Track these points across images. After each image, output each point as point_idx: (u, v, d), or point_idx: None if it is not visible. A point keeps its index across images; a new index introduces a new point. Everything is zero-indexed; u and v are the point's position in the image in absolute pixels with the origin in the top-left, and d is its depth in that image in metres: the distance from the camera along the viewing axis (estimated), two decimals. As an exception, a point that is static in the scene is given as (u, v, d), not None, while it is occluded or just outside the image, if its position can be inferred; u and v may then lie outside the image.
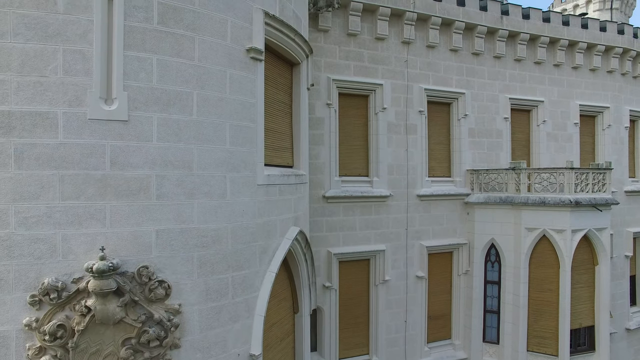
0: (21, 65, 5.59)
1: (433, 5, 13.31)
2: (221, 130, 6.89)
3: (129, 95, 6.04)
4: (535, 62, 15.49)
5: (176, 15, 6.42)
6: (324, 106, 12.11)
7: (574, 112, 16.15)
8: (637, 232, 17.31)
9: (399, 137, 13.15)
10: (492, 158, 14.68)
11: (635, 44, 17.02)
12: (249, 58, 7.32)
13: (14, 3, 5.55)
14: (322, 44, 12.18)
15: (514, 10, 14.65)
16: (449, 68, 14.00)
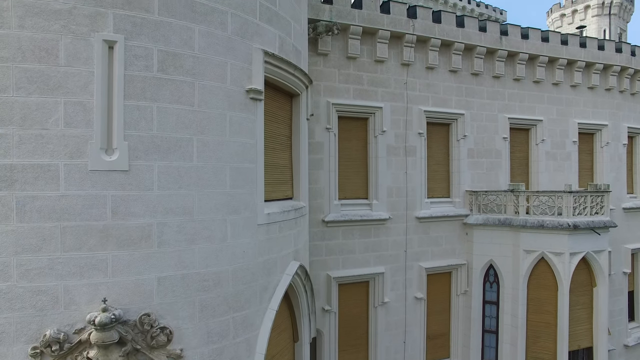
0: (23, 118, 5.61)
1: (432, 27, 13.34)
2: (221, 173, 6.92)
3: (129, 144, 6.07)
4: (534, 81, 15.53)
5: (176, 62, 6.45)
6: (323, 130, 12.14)
7: (572, 130, 16.21)
8: (635, 248, 17.39)
9: (398, 159, 13.19)
10: (491, 178, 14.73)
11: (633, 62, 17.07)
12: (248, 99, 7.35)
13: (16, 57, 5.57)
14: (322, 67, 12.21)
15: (513, 30, 14.68)
16: (448, 89, 14.03)
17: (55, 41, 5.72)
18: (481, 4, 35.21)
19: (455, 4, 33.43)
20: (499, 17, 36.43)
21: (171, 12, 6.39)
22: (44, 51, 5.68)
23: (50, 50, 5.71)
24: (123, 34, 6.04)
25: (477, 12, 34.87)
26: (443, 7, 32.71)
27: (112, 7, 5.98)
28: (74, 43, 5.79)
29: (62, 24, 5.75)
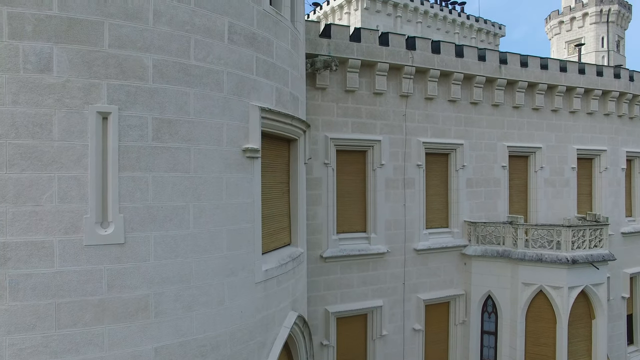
0: (16, 195, 5.52)
1: (432, 58, 13.26)
2: (218, 237, 6.84)
3: (125, 217, 5.99)
4: (533, 108, 15.49)
5: (171, 129, 6.36)
6: (321, 166, 12.07)
7: (571, 156, 16.17)
8: (634, 273, 17.39)
9: (396, 192, 13.13)
10: (490, 207, 14.69)
11: (631, 87, 17.04)
12: (245, 158, 7.27)
13: (10, 134, 5.48)
14: (320, 101, 12.13)
15: (512, 59, 14.61)
16: (447, 119, 13.98)
17: (49, 116, 5.63)
18: (480, 19, 35.14)
19: (454, 20, 33.43)
20: (497, 32, 36.39)
21: (166, 78, 6.31)
22: (37, 126, 5.59)
23: (44, 125, 5.62)
24: (117, 104, 5.95)
25: (476, 27, 34.83)
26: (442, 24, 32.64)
27: (106, 77, 5.89)
28: (68, 117, 5.70)
29: (55, 98, 5.66)
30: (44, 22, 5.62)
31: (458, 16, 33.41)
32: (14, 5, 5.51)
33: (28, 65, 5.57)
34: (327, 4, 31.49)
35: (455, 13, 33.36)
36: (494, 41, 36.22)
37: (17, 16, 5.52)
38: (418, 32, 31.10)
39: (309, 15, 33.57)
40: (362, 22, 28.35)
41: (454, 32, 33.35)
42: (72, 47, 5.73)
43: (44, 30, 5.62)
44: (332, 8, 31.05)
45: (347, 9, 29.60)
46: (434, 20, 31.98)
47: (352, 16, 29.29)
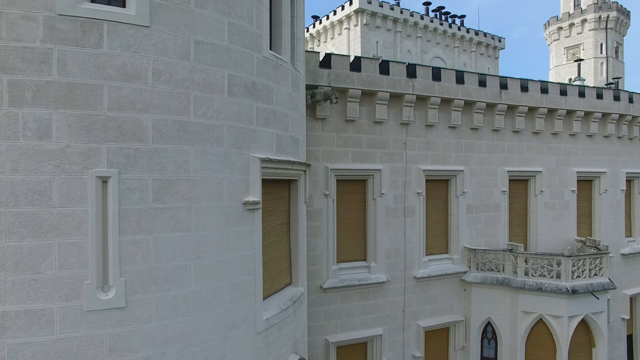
0: (16, 264, 5.48)
1: (432, 86, 13.23)
2: (219, 293, 6.82)
3: (125, 280, 5.95)
4: (533, 132, 15.48)
5: (171, 189, 6.33)
6: (321, 197, 12.04)
7: (571, 179, 16.17)
8: (633, 294, 17.40)
9: (397, 220, 13.12)
10: (490, 232, 14.68)
11: (630, 109, 17.04)
12: (245, 210, 7.24)
13: (9, 202, 5.44)
14: (320, 132, 12.09)
15: (512, 83, 14.59)
16: (447, 145, 13.95)
17: (48, 182, 5.60)
18: (480, 33, 35.08)
19: (454, 34, 33.37)
20: (497, 44, 36.32)
21: (165, 138, 6.27)
22: (37, 193, 5.56)
23: (43, 192, 5.58)
24: (117, 167, 5.91)
25: (475, 40, 34.76)
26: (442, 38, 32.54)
27: (106, 141, 5.86)
28: (68, 183, 5.67)
29: (55, 164, 5.62)
30: (43, 88, 5.59)
31: (458, 30, 33.34)
32: (15, 73, 5.48)
33: (27, 132, 5.53)
34: (327, 18, 31.40)
35: (455, 27, 33.34)
36: (493, 54, 36.18)
37: (17, 83, 5.48)
38: (418, 47, 31.08)
39: (308, 28, 33.46)
40: (361, 38, 28.28)
41: (454, 45, 33.28)
42: (71, 112, 5.69)
43: (44, 96, 5.58)
44: (331, 23, 30.95)
45: (346, 24, 29.49)
46: (434, 34, 31.90)
47: (351, 32, 29.19)
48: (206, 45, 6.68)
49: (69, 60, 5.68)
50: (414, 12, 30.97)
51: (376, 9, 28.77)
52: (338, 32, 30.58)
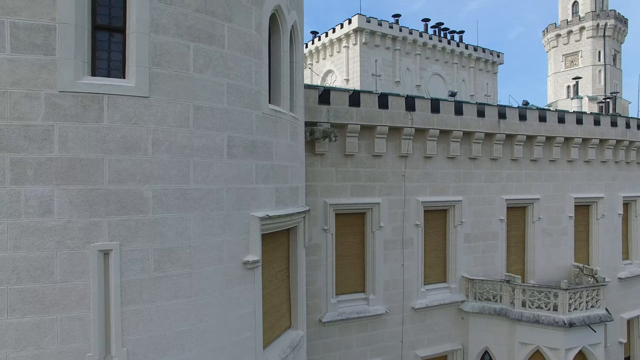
0: (17, 340, 5.54)
1: (431, 118, 13.29)
2: (221, 353, 6.88)
3: (128, 350, 6.02)
4: (531, 159, 15.55)
5: (172, 257, 6.39)
6: (320, 232, 12.11)
7: (568, 205, 16.27)
8: (631, 317, 17.52)
9: (395, 252, 13.19)
10: (488, 260, 14.77)
11: (628, 134, 17.13)
12: (246, 269, 7.30)
13: (11, 279, 5.51)
14: (319, 167, 12.14)
15: (510, 113, 14.66)
16: (446, 176, 14.02)
17: (50, 258, 5.65)
18: (478, 48, 35.09)
19: (453, 50, 33.30)
20: (496, 60, 36.33)
21: (166, 207, 6.33)
22: (39, 270, 5.62)
23: (45, 269, 5.64)
24: (118, 240, 5.97)
25: (474, 56, 34.74)
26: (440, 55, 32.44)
27: (107, 214, 5.91)
28: (70, 257, 5.72)
29: (57, 240, 5.68)
30: (45, 165, 5.64)
31: (457, 46, 33.31)
32: (17, 151, 5.53)
33: (29, 209, 5.59)
34: (326, 35, 31.35)
35: (454, 43, 33.31)
36: (492, 69, 36.18)
37: (20, 161, 5.54)
38: (417, 64, 31.02)
39: (307, 44, 33.46)
40: (360, 57, 28.25)
41: (453, 62, 33.25)
42: (72, 187, 5.75)
43: (45, 173, 5.64)
44: (330, 40, 30.87)
45: (345, 42, 29.42)
46: (433, 51, 31.87)
47: (350, 50, 29.14)
48: (205, 110, 6.74)
49: (70, 136, 5.73)
50: (412, 30, 31.00)
51: (375, 28, 28.75)
52: (337, 50, 30.56)
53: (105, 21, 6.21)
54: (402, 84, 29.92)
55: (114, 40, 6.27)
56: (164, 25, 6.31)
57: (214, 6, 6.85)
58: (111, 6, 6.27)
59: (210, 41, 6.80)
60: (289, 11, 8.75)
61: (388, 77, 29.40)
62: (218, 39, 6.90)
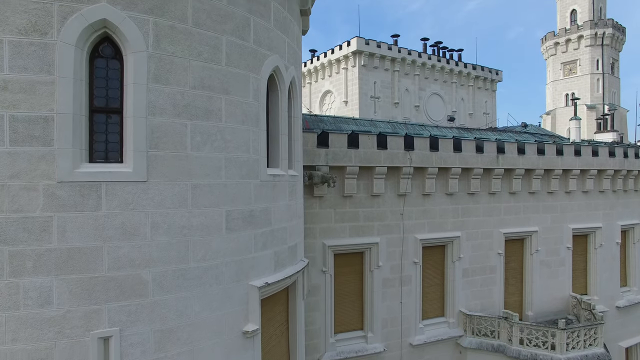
0: None
1: (429, 157, 13.31)
2: None
3: None
4: (529, 192, 15.59)
5: (173, 337, 6.41)
6: (319, 273, 12.14)
7: (566, 236, 16.32)
8: (629, 345, 17.59)
9: (393, 290, 13.24)
10: (485, 294, 14.82)
11: (625, 164, 17.18)
12: (245, 339, 7.33)
13: (9, 374, 5.52)
14: (318, 209, 12.16)
15: (509, 147, 14.68)
16: (444, 212, 14.06)
17: (50, 349, 5.67)
18: (477, 67, 35.08)
19: (452, 69, 33.28)
20: (494, 78, 36.34)
21: (165, 289, 6.35)
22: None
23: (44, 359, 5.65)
24: (119, 325, 5.99)
25: (473, 75, 34.73)
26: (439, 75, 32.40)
27: (106, 301, 5.93)
28: (69, 347, 5.75)
29: (56, 330, 5.70)
30: (44, 257, 5.66)
31: (455, 65, 33.27)
32: (16, 244, 5.54)
33: (28, 301, 5.60)
34: (325, 56, 31.28)
35: (453, 62, 33.32)
36: (490, 87, 36.17)
37: (18, 254, 5.56)
38: (416, 85, 31.00)
39: (305, 63, 33.40)
40: (359, 79, 28.21)
41: (452, 81, 33.23)
42: (72, 277, 5.76)
43: (44, 264, 5.65)
44: (329, 61, 30.78)
45: (344, 64, 29.37)
46: (432, 71, 31.84)
47: (349, 72, 29.07)
48: (203, 187, 6.75)
49: (68, 226, 5.74)
50: (411, 51, 31.03)
51: (374, 50, 28.73)
52: (336, 70, 30.51)
53: (102, 103, 6.21)
54: (401, 105, 29.90)
55: (111, 122, 6.28)
56: (160, 107, 6.32)
57: (211, 81, 6.85)
58: (108, 87, 6.28)
59: (207, 117, 6.81)
60: (287, 68, 8.74)
61: (387, 99, 29.38)
62: (215, 113, 6.91)
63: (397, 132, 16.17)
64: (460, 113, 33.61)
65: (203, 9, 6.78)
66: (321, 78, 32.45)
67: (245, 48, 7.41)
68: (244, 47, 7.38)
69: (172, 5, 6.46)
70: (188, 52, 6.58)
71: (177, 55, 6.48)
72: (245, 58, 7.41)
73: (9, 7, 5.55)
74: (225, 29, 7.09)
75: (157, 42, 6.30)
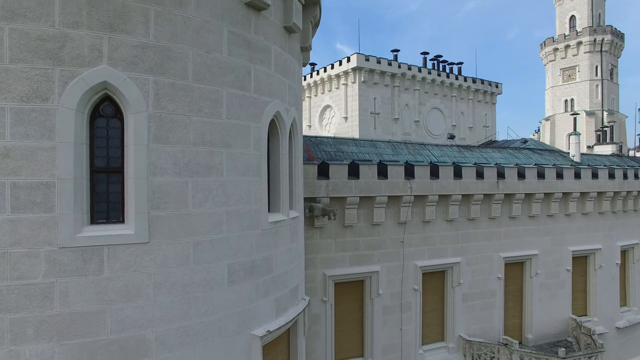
0: None
1: (430, 185, 13.32)
2: None
3: None
4: (529, 216, 15.61)
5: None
6: (319, 302, 12.15)
7: (566, 258, 16.35)
8: (628, 366, 17.69)
9: (393, 317, 13.25)
10: (485, 318, 14.85)
11: (625, 185, 17.21)
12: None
13: None
14: (318, 239, 12.17)
15: (509, 172, 14.69)
16: (444, 238, 14.07)
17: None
18: (477, 80, 35.06)
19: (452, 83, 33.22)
20: (494, 90, 36.33)
21: (168, 347, 6.37)
22: None
23: None
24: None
25: (473, 88, 34.70)
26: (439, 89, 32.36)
27: (109, 364, 5.92)
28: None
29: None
30: (45, 323, 5.68)
31: (455, 79, 33.25)
32: (17, 311, 5.55)
33: (30, 368, 5.59)
34: (324, 71, 31.26)
35: (453, 76, 33.54)
36: (490, 100, 36.16)
37: (20, 321, 5.57)
38: (415, 99, 31.01)
39: (305, 77, 33.32)
40: (359, 95, 28.17)
41: (452, 95, 33.16)
42: (74, 342, 5.78)
43: (46, 330, 5.67)
44: (329, 76, 30.73)
45: (344, 80, 29.33)
46: (432, 85, 31.79)
47: (349, 88, 29.02)
48: (205, 244, 6.74)
49: (70, 291, 5.74)
50: (411, 66, 31.20)
51: (374, 66, 28.71)
52: (336, 86, 30.46)
53: (103, 163, 6.20)
54: (401, 120, 29.85)
55: (112, 181, 6.27)
56: (161, 167, 6.31)
57: (211, 135, 6.84)
58: (109, 147, 6.26)
59: (208, 173, 6.80)
60: (288, 111, 8.72)
61: (387, 114, 29.34)
62: (216, 168, 6.90)
63: (398, 152, 16.14)
64: (460, 127, 33.56)
65: (203, 63, 6.77)
66: (321, 92, 32.41)
67: (246, 98, 7.40)
68: (244, 98, 7.36)
69: (172, 62, 6.45)
70: (188, 108, 6.57)
71: (178, 113, 6.47)
72: (246, 108, 7.39)
73: (12, 75, 5.55)
74: (226, 81, 7.07)
75: (157, 101, 6.29)
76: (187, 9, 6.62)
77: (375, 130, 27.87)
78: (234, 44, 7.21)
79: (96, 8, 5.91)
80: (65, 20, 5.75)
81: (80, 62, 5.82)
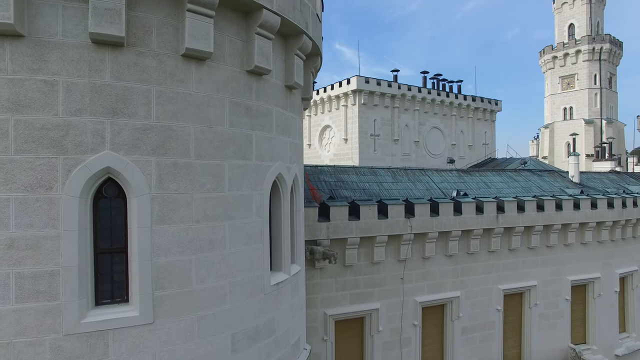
0: None
1: (430, 222, 13.37)
2: None
3: None
4: (529, 247, 15.69)
5: None
6: (320, 341, 12.22)
7: (565, 288, 16.44)
8: (626, 391, 17.80)
9: (393, 352, 13.33)
10: (484, 349, 14.94)
11: (624, 214, 17.28)
12: None
13: None
14: (319, 279, 12.23)
15: (509, 206, 14.76)
16: (444, 273, 14.15)
17: None
18: (477, 99, 35.07)
19: (452, 102, 33.19)
20: (494, 108, 36.36)
21: None
22: None
23: None
24: None
25: (472, 107, 34.70)
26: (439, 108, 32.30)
27: None
28: None
29: None
30: (51, 411, 5.68)
31: (455, 98, 33.24)
32: (20, 403, 5.57)
33: None
34: (324, 91, 31.27)
35: (452, 95, 33.76)
36: (490, 117, 36.20)
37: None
38: (415, 120, 31.05)
39: None
40: (359, 117, 28.17)
41: (451, 114, 33.14)
42: None
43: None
44: (329, 97, 30.77)
45: (344, 101, 29.30)
46: (432, 105, 31.77)
47: (349, 109, 29.01)
48: (209, 317, 6.79)
49: (75, 377, 5.78)
50: (411, 86, 31.29)
51: (374, 88, 28.70)
52: (336, 107, 30.44)
53: (107, 244, 6.24)
54: (400, 141, 29.84)
55: (116, 262, 6.31)
56: (165, 247, 6.35)
57: (214, 210, 6.87)
58: (112, 228, 6.29)
59: (211, 248, 6.84)
60: (289, 169, 8.75)
61: (387, 136, 29.35)
62: (219, 242, 6.94)
63: (398, 180, 16.20)
64: (459, 145, 33.57)
65: (205, 139, 6.80)
66: (320, 112, 32.40)
67: (248, 167, 7.43)
68: (246, 167, 7.39)
69: (174, 141, 6.47)
70: (191, 186, 6.61)
71: (180, 192, 6.50)
72: (248, 177, 7.42)
73: (16, 165, 5.58)
74: (228, 153, 7.10)
75: (160, 182, 6.33)
76: (188, 86, 6.64)
77: (375, 152, 27.93)
78: (235, 114, 7.23)
79: (99, 94, 5.94)
80: (69, 108, 5.78)
81: (83, 149, 5.85)
